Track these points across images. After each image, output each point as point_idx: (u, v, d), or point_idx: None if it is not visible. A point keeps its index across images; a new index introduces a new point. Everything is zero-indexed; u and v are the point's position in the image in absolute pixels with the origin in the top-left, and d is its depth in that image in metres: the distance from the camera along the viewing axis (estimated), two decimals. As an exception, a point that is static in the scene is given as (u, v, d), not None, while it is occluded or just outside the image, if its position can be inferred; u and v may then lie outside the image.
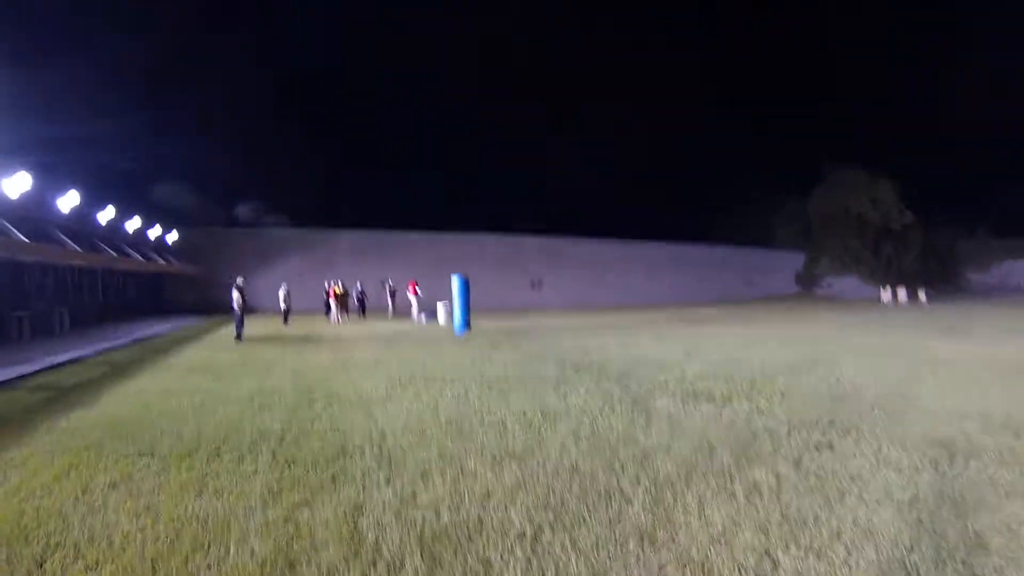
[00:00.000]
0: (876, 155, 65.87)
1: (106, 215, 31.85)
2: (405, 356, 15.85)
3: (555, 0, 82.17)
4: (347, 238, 48.47)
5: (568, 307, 47.39)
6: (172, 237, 42.43)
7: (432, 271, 39.69)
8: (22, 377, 12.99)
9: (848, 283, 66.40)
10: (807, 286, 68.05)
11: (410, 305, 31.96)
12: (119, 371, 13.91)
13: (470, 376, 12.07)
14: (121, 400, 10.23)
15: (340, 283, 31.86)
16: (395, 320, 31.11)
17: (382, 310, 36.24)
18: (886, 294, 52.27)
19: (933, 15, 74.56)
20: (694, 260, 62.35)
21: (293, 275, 41.06)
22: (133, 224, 35.79)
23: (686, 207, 68.86)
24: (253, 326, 24.91)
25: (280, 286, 29.48)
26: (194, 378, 12.53)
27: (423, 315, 30.30)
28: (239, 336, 20.72)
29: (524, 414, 8.48)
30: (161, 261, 38.86)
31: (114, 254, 31.20)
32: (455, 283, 23.72)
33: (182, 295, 42.08)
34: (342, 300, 31.49)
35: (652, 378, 11.43)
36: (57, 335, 23.65)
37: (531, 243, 53.91)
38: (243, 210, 49.79)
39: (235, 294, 21.05)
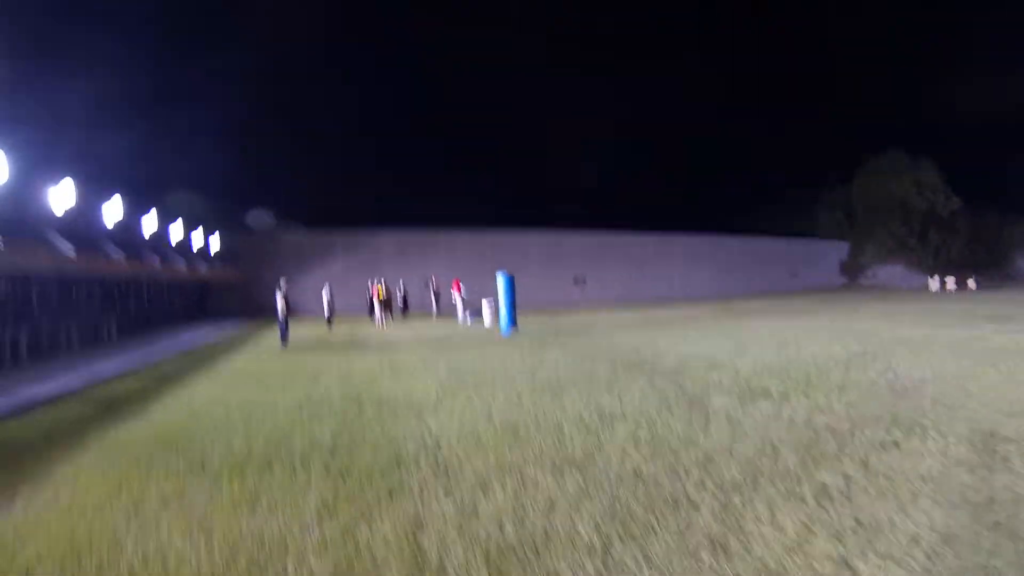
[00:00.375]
0: (919, 139, 65.17)
1: (149, 223, 32.01)
2: (453, 358, 15.71)
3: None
4: (390, 238, 48.15)
5: (612, 303, 46.42)
6: (214, 242, 42.71)
7: (475, 269, 39.22)
8: (71, 392, 13.03)
9: (894, 272, 65.39)
10: (852, 276, 67.15)
11: (454, 305, 31.79)
12: (166, 381, 13.95)
13: (521, 378, 11.86)
14: (169, 411, 10.22)
15: (383, 284, 31.70)
16: (440, 321, 30.94)
17: (426, 310, 36.19)
18: (934, 282, 51.32)
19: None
20: (736, 252, 60.90)
21: (336, 277, 41.02)
22: (176, 230, 35.91)
23: (727, 199, 68.92)
24: (297, 331, 24.92)
25: (323, 289, 29.55)
26: (241, 387, 12.52)
27: (468, 315, 30.13)
28: (284, 342, 20.76)
29: (580, 417, 8.25)
30: (204, 268, 39.15)
31: (158, 263, 31.43)
32: (500, 282, 23.40)
33: (226, 300, 42.32)
34: (386, 302, 31.32)
35: (706, 376, 11.14)
36: (104, 344, 23.91)
37: (573, 239, 53.03)
38: (258, 215, 48.77)
39: (279, 300, 21.06)
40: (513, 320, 23.21)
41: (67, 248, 23.03)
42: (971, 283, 50.00)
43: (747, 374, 11.12)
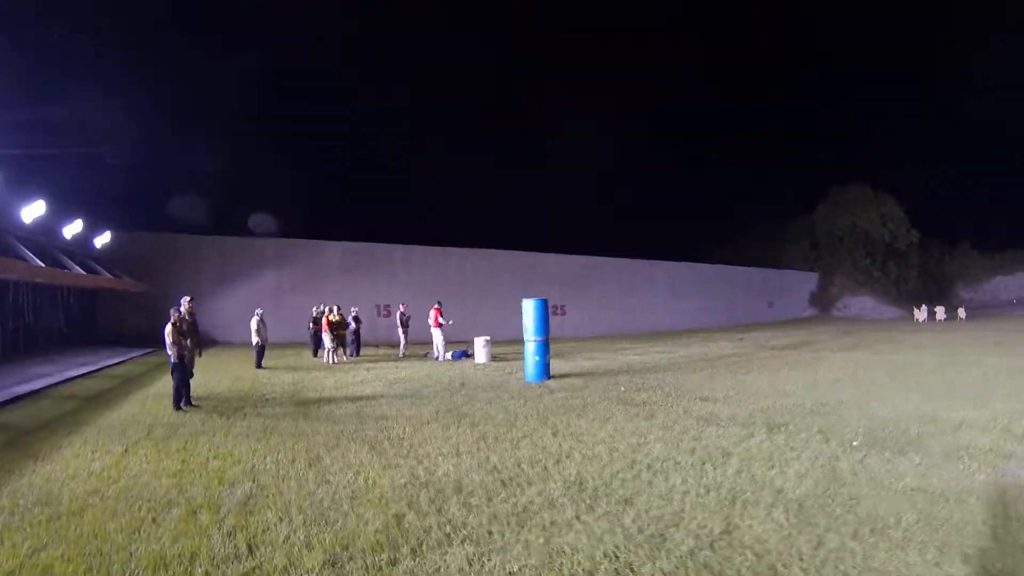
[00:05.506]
0: (867, 169, 69.33)
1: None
2: (530, 448, 7.67)
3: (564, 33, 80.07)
4: (335, 251, 38.52)
5: (596, 334, 41.19)
6: (103, 240, 31.79)
7: (438, 292, 30.92)
8: None
9: (864, 303, 65.96)
10: (824, 307, 67.19)
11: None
12: None
13: (775, 507, 5.51)
14: None
15: (336, 309, 22.50)
16: (410, 359, 22.07)
17: (381, 342, 28.26)
18: (921, 313, 51.80)
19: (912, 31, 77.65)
20: (716, 280, 57.31)
21: (267, 296, 31.87)
22: (33, 212, 23.23)
23: (697, 229, 69.56)
24: (212, 371, 16.26)
25: (252, 314, 20.29)
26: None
27: (450, 353, 21.77)
28: (180, 403, 11.85)
29: None
30: (79, 270, 25.71)
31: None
32: (529, 309, 15.96)
33: (122, 319, 31.82)
34: (339, 332, 22.24)
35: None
36: None
37: (549, 260, 45.75)
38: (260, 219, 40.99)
39: (168, 330, 11.96)
40: (546, 365, 15.82)
41: None
42: (961, 312, 51.30)
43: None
